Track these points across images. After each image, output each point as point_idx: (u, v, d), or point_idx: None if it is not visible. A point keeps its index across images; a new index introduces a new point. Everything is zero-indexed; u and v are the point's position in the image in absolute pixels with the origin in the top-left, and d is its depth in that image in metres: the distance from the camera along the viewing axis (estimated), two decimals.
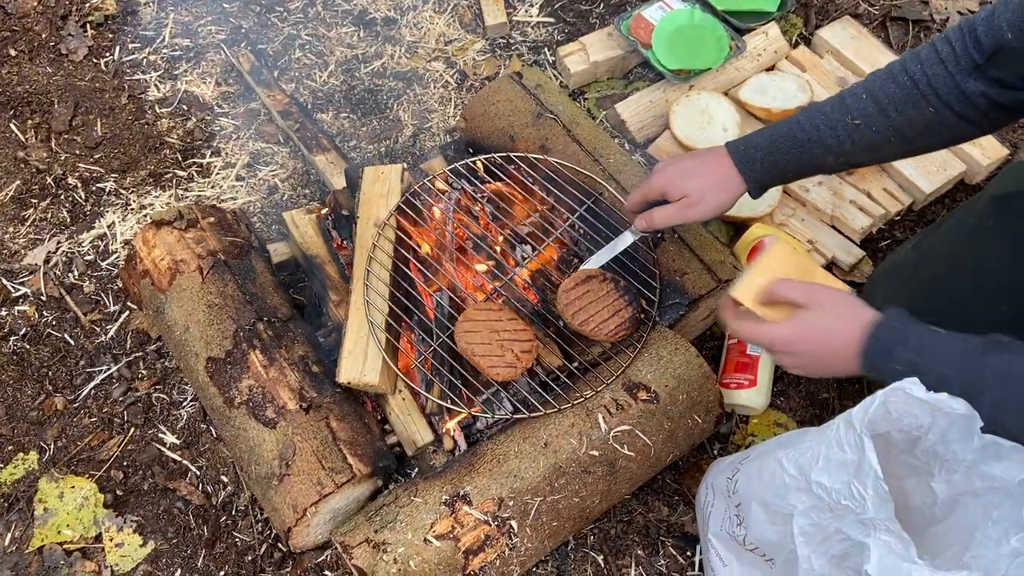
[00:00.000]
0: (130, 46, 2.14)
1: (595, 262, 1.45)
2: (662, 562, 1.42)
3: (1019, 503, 0.96)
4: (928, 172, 1.77)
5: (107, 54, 2.13)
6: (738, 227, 1.74)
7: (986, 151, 1.81)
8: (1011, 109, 1.17)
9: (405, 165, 1.65)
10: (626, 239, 1.44)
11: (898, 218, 1.80)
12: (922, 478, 1.09)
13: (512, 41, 2.15)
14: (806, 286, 1.15)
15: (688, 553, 1.44)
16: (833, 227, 1.75)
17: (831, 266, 1.71)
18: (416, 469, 1.47)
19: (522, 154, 1.63)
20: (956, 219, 1.40)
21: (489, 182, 1.64)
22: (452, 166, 1.65)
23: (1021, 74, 1.13)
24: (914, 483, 1.11)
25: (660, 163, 1.38)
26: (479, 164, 1.65)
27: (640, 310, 1.42)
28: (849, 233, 1.73)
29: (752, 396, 1.51)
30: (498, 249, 1.58)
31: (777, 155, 1.27)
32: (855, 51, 1.96)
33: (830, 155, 1.25)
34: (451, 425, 1.44)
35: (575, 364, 1.44)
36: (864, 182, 1.77)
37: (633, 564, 1.41)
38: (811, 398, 1.59)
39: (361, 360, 1.42)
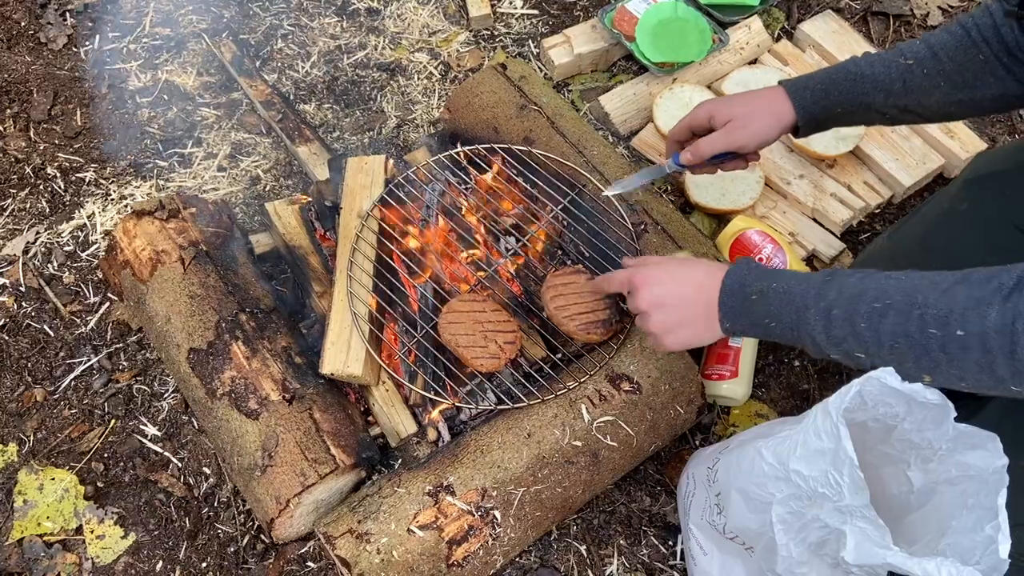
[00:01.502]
0: (110, 35, 2.12)
1: (620, 187, 1.47)
2: (644, 551, 1.43)
3: (993, 491, 0.98)
4: (907, 166, 1.79)
5: (87, 43, 2.10)
6: (720, 219, 1.75)
7: (965, 144, 1.83)
8: None
9: (388, 156, 1.65)
10: (661, 170, 1.45)
11: (878, 211, 1.82)
12: (898, 467, 1.11)
13: (496, 33, 2.14)
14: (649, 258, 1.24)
15: (670, 542, 1.45)
16: (814, 220, 1.76)
17: (812, 258, 1.73)
18: (400, 460, 1.47)
19: (506, 146, 1.63)
20: (930, 205, 1.44)
21: (473, 173, 1.64)
22: (436, 157, 1.65)
23: None
24: (890, 472, 1.12)
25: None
26: (463, 156, 1.65)
27: (618, 319, 1.41)
28: (830, 226, 1.75)
29: (733, 387, 1.52)
30: (482, 240, 1.58)
31: (829, 85, 1.29)
32: (837, 45, 1.98)
33: (880, 92, 1.26)
34: (435, 414, 1.44)
35: (559, 355, 1.45)
36: (845, 175, 1.79)
37: (615, 554, 1.42)
38: (792, 389, 1.61)
39: (344, 351, 1.42)
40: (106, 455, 1.55)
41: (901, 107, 1.28)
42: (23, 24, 2.11)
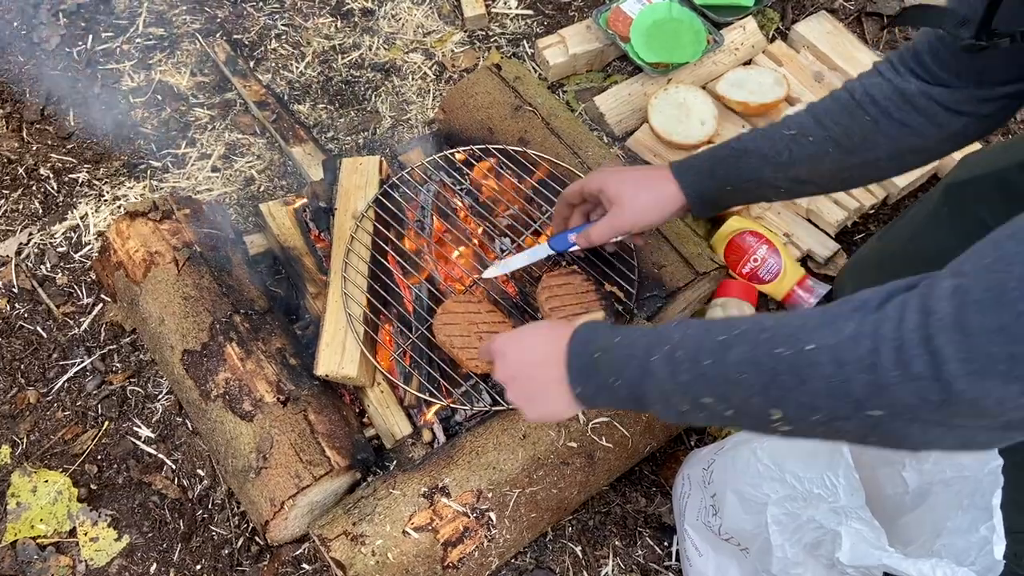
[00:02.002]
0: (103, 35, 2.11)
1: (498, 269, 1.43)
2: (639, 552, 1.43)
3: (988, 492, 0.98)
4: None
5: (80, 43, 2.09)
6: (715, 221, 1.75)
7: None
8: (956, 111, 1.12)
9: (383, 157, 1.65)
10: (544, 250, 1.40)
11: (872, 212, 1.82)
12: (893, 468, 1.11)
13: (491, 33, 2.14)
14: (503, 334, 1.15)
15: (665, 543, 1.45)
16: (809, 220, 1.76)
17: (807, 259, 1.73)
18: (395, 462, 1.47)
19: (501, 146, 1.63)
20: (915, 209, 1.44)
21: (468, 174, 1.64)
22: (431, 158, 1.65)
23: (957, 69, 1.10)
24: (885, 472, 1.13)
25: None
26: (457, 156, 1.65)
27: (612, 320, 1.41)
28: (824, 226, 1.75)
29: None
30: (477, 241, 1.58)
31: (715, 163, 1.25)
32: (831, 46, 1.98)
33: (767, 166, 1.22)
34: (430, 415, 1.44)
35: None
36: None
37: (611, 555, 1.42)
38: None
39: (339, 352, 1.41)
40: (99, 457, 1.54)
41: (792, 178, 1.23)
42: (16, 24, 2.10)
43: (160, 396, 1.60)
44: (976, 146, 1.85)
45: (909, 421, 0.72)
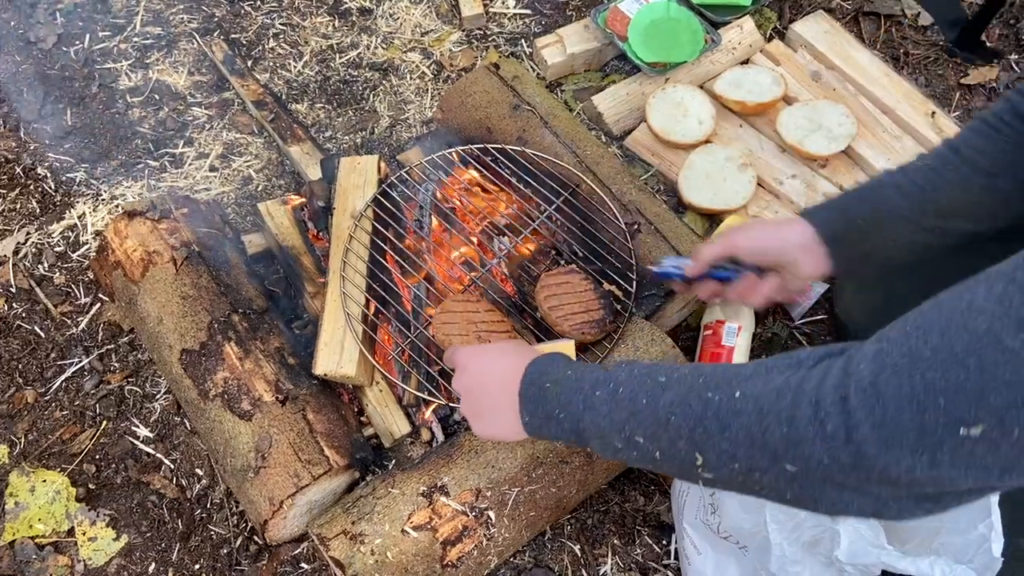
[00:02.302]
0: (100, 34, 2.11)
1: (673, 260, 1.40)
2: (638, 551, 1.44)
3: None
4: (898, 163, 1.79)
5: (77, 42, 2.09)
6: (713, 219, 1.76)
7: None
8: None
9: (381, 156, 1.65)
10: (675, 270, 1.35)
11: None
12: None
13: (489, 32, 2.14)
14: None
15: (664, 542, 1.45)
16: None
17: None
18: (394, 461, 1.47)
19: (500, 146, 1.63)
20: None
21: (466, 174, 1.64)
22: (429, 157, 1.65)
23: None
24: None
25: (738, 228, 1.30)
26: (456, 155, 1.65)
27: (611, 319, 1.41)
28: None
29: None
30: (476, 240, 1.58)
31: (847, 199, 1.20)
32: (828, 45, 1.98)
33: (902, 196, 1.15)
34: (428, 414, 1.44)
35: None
36: (837, 175, 1.79)
37: (609, 553, 1.42)
38: None
39: (338, 352, 1.41)
40: (98, 457, 1.54)
41: (934, 212, 1.14)
42: (13, 24, 2.10)
43: (158, 395, 1.60)
44: None
45: (822, 481, 0.73)
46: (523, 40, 2.12)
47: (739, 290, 1.27)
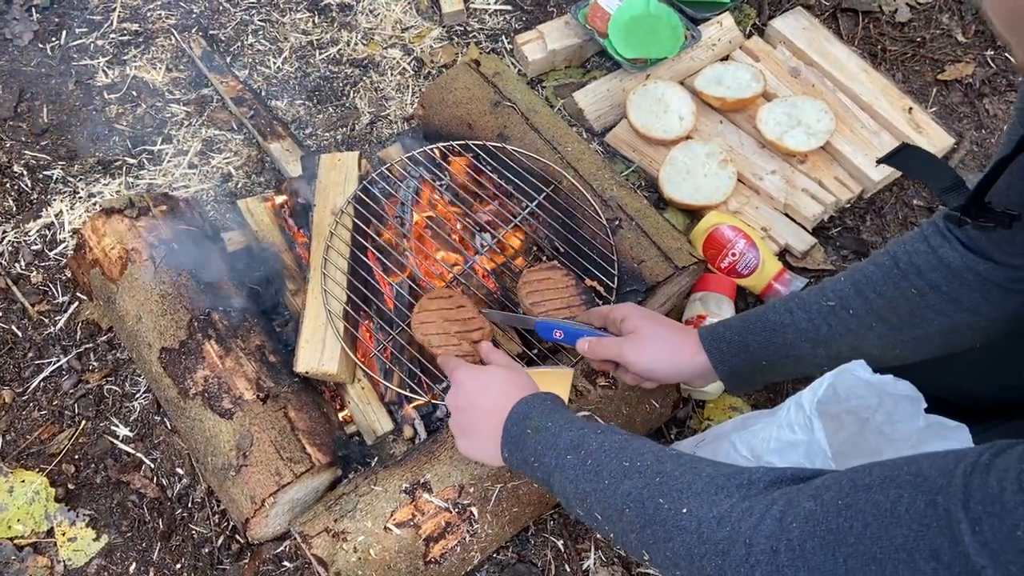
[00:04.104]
0: (77, 31, 2.09)
1: (498, 316, 1.43)
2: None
3: None
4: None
5: (53, 39, 2.07)
6: (694, 215, 1.77)
7: (933, 140, 1.86)
8: (1008, 288, 1.01)
9: (362, 153, 1.64)
10: (529, 321, 1.38)
11: (848, 206, 1.84)
12: (870, 458, 1.12)
13: (469, 29, 2.14)
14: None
15: None
16: (786, 215, 1.78)
17: (784, 253, 1.74)
18: (376, 458, 1.46)
19: (480, 142, 1.63)
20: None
21: (448, 170, 1.64)
22: (410, 154, 1.64)
23: (998, 241, 0.98)
24: (863, 463, 1.14)
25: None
26: (437, 152, 1.65)
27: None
28: (801, 220, 1.77)
29: None
30: (457, 237, 1.58)
31: (747, 335, 1.16)
32: (807, 41, 2.00)
33: (806, 341, 1.12)
34: (409, 409, 1.44)
35: (534, 351, 1.45)
36: (816, 171, 1.81)
37: (592, 548, 1.43)
38: None
39: (319, 349, 1.41)
40: (77, 457, 1.52)
41: (834, 355, 1.11)
42: None
43: (138, 395, 1.58)
44: (950, 140, 1.87)
45: None
46: (504, 36, 2.12)
47: (634, 377, 1.27)
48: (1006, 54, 2.11)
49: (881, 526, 0.67)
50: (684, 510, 0.82)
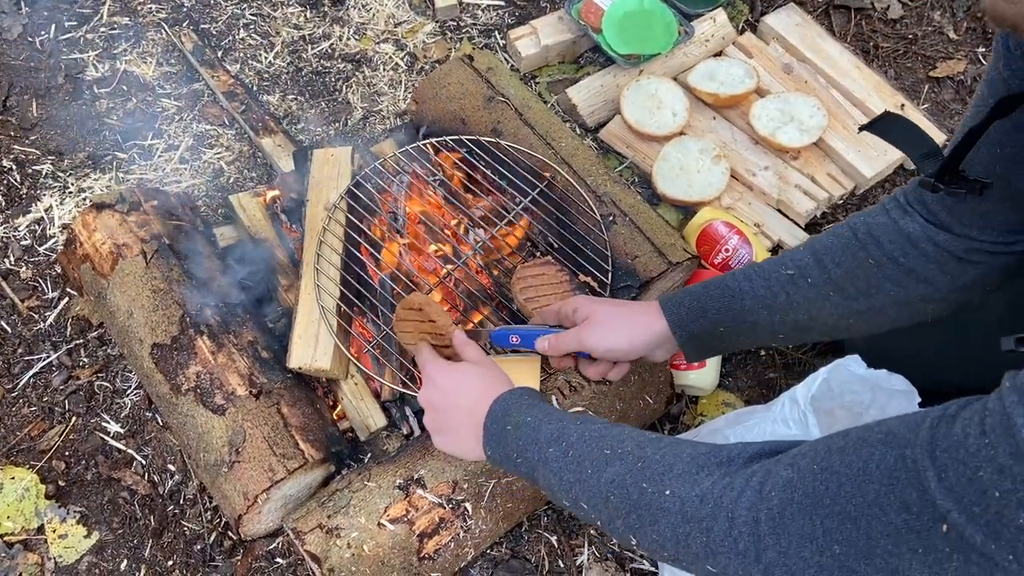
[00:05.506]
0: (66, 24, 2.07)
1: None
2: (614, 541, 1.44)
3: None
4: (869, 157, 1.81)
5: (42, 32, 2.05)
6: (687, 210, 1.77)
7: None
8: (965, 260, 1.03)
9: (355, 148, 1.64)
10: (482, 335, 1.37)
11: (841, 202, 1.85)
12: None
13: (462, 24, 2.13)
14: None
15: None
16: (779, 211, 1.78)
17: (777, 249, 1.75)
18: (369, 454, 1.46)
19: (474, 137, 1.62)
20: None
21: (441, 165, 1.64)
22: (403, 149, 1.64)
23: (958, 212, 1.00)
24: None
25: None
26: (430, 147, 1.64)
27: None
28: (794, 217, 1.77)
29: (701, 377, 1.53)
30: (450, 232, 1.58)
31: (707, 301, 1.17)
32: (800, 38, 2.00)
33: (763, 308, 1.13)
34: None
35: None
36: (809, 167, 1.81)
37: (586, 544, 1.43)
38: (759, 378, 1.63)
39: (312, 345, 1.40)
40: (67, 453, 1.51)
41: (791, 324, 1.13)
42: None
43: (129, 391, 1.57)
44: (941, 136, 1.88)
45: None
46: (497, 32, 2.11)
47: (597, 369, 1.28)
48: None
49: (854, 485, 0.70)
50: (667, 492, 0.84)
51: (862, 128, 1.02)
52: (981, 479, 0.61)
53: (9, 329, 1.64)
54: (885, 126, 1.03)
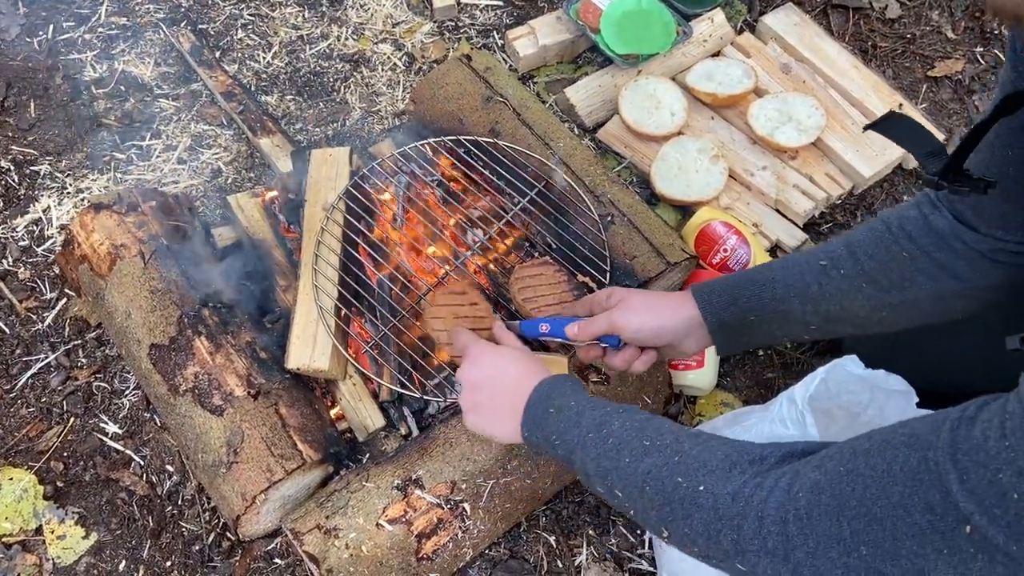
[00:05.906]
0: (64, 24, 2.07)
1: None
2: (613, 541, 1.44)
3: None
4: (867, 157, 1.81)
5: (40, 32, 2.05)
6: (685, 211, 1.77)
7: None
8: (991, 259, 1.02)
9: (353, 148, 1.63)
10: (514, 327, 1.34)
11: (839, 202, 1.85)
12: None
13: (461, 24, 2.13)
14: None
15: (638, 532, 1.46)
16: (777, 211, 1.78)
17: (775, 249, 1.75)
18: (367, 455, 1.46)
19: (472, 137, 1.62)
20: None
21: (439, 165, 1.64)
22: (401, 149, 1.64)
23: (980, 211, 1.00)
24: None
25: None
26: (428, 147, 1.64)
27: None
28: (793, 216, 1.77)
29: (699, 377, 1.53)
30: (449, 233, 1.58)
31: (737, 289, 1.17)
32: (798, 38, 2.00)
33: (795, 298, 1.13)
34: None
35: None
36: (807, 167, 1.81)
37: (585, 544, 1.43)
38: (757, 378, 1.63)
39: (310, 346, 1.40)
40: (65, 454, 1.51)
41: (823, 314, 1.12)
42: None
43: (127, 391, 1.57)
44: (939, 135, 1.88)
45: None
46: (495, 32, 2.11)
47: (623, 357, 1.25)
48: (995, 51, 2.12)
49: (880, 487, 0.71)
50: (701, 487, 0.85)
51: (867, 127, 1.02)
52: (1001, 481, 0.63)
53: (7, 330, 1.64)
54: (889, 125, 1.03)
